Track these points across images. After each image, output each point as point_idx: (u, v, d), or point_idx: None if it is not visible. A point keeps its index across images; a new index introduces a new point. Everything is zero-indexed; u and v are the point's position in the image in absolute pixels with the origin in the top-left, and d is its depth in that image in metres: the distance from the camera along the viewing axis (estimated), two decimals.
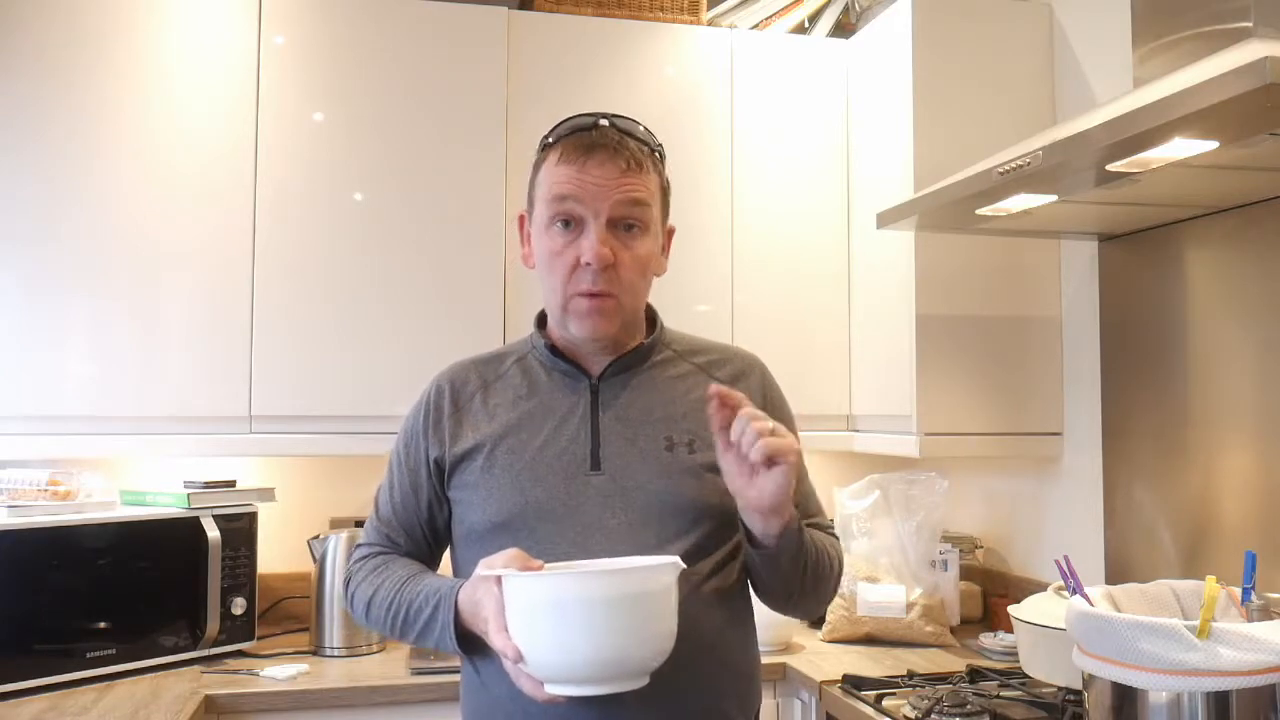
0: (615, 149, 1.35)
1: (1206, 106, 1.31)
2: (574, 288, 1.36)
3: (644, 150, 1.39)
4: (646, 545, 1.33)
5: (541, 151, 1.42)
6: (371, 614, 1.43)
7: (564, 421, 1.41)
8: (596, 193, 1.34)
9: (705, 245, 2.65)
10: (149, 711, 1.93)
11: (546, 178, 1.38)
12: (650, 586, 1.16)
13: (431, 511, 1.46)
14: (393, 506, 1.48)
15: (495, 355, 1.51)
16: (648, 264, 1.40)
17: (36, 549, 2.09)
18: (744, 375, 1.50)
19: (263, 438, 2.40)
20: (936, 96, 2.43)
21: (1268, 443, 1.87)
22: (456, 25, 2.54)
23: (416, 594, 1.36)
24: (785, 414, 1.52)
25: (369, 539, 1.50)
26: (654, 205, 1.40)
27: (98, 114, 2.34)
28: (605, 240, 1.34)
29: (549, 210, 1.37)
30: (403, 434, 1.49)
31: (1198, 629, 1.31)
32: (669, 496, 1.36)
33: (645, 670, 1.18)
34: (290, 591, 2.65)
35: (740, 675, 1.44)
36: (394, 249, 2.47)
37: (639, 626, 1.15)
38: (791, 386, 2.62)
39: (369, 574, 1.45)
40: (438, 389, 1.48)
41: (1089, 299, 2.36)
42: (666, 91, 2.66)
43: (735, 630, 1.43)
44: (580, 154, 1.35)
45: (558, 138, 1.39)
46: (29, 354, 2.28)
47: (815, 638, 2.50)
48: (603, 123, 1.38)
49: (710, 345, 1.53)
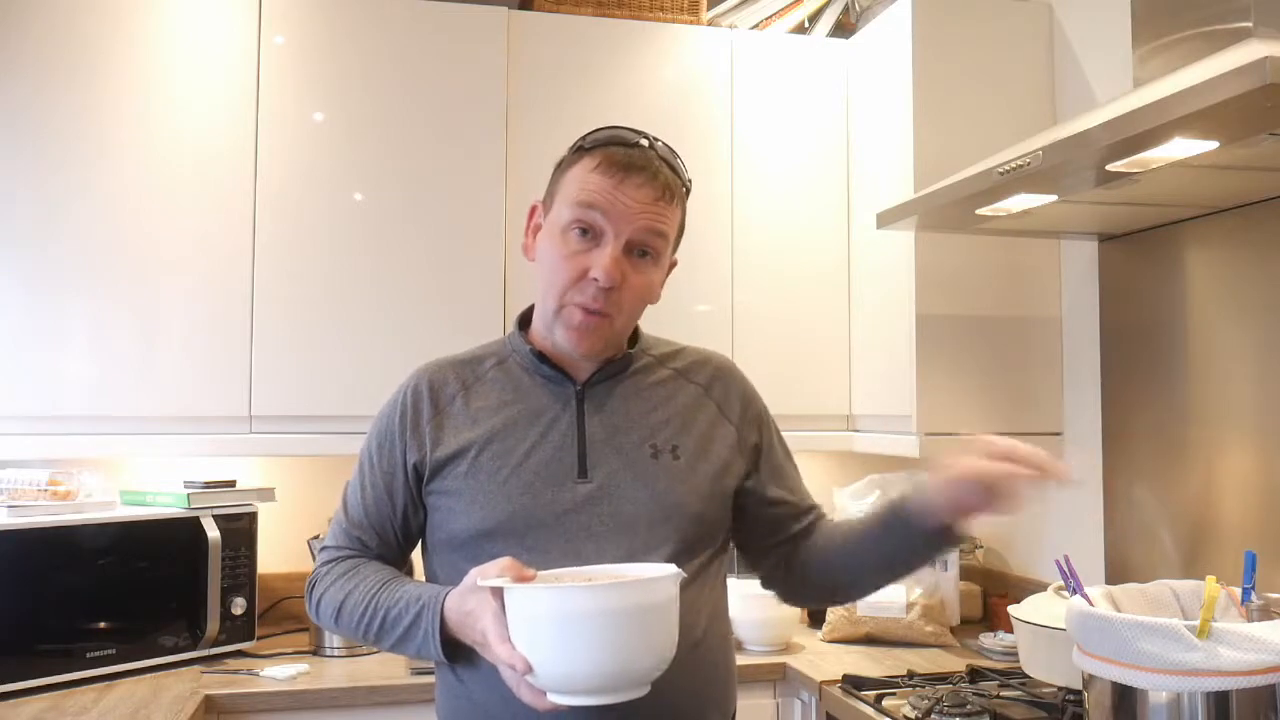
0: (654, 174, 1.35)
1: (1206, 106, 1.31)
2: (573, 297, 1.35)
3: (677, 183, 1.39)
4: (635, 552, 1.33)
5: (575, 153, 1.40)
6: (342, 619, 1.39)
7: (550, 428, 1.40)
8: (625, 212, 1.33)
9: (705, 245, 2.65)
10: (149, 711, 1.93)
11: (577, 180, 1.36)
12: (655, 598, 1.16)
13: (406, 515, 1.43)
14: (364, 508, 1.44)
15: (473, 356, 1.48)
16: (649, 292, 1.40)
17: (36, 549, 2.09)
18: (721, 377, 1.51)
19: (263, 438, 2.40)
20: (936, 96, 2.43)
21: (1268, 443, 1.87)
22: (456, 25, 2.54)
23: (396, 600, 1.33)
24: (761, 409, 1.53)
25: (337, 541, 1.46)
26: (671, 237, 1.40)
27: (98, 114, 2.34)
28: (618, 261, 1.33)
29: (571, 214, 1.35)
30: (375, 434, 1.45)
31: (1198, 629, 1.31)
32: (656, 503, 1.36)
33: (648, 679, 1.18)
34: (290, 591, 2.65)
35: (719, 678, 1.44)
36: (394, 249, 2.47)
37: (644, 637, 1.15)
38: (791, 386, 2.67)
39: (338, 578, 1.41)
40: (415, 390, 1.44)
41: (1089, 299, 2.36)
42: (666, 92, 2.66)
43: (716, 633, 1.44)
44: (619, 170, 1.34)
45: (597, 144, 1.37)
46: (29, 354, 2.28)
47: (815, 638, 2.50)
48: (643, 142, 1.37)
49: (682, 348, 1.53)
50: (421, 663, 2.20)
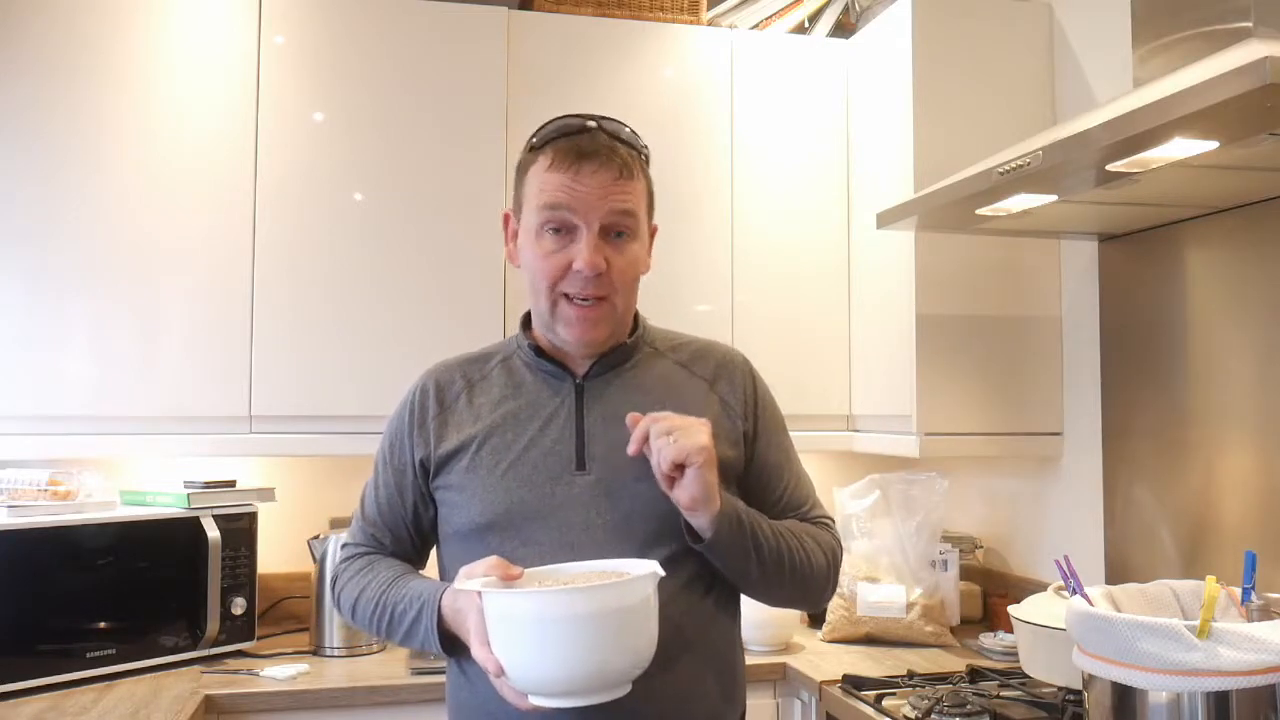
0: (607, 156, 1.35)
1: (1206, 106, 1.31)
2: (564, 288, 1.36)
3: (633, 155, 1.39)
4: (633, 545, 1.34)
5: (529, 153, 1.41)
6: (358, 615, 1.44)
7: (549, 421, 1.41)
8: (589, 202, 1.34)
9: (705, 245, 2.65)
10: (149, 711, 1.93)
11: (536, 182, 1.38)
12: (629, 600, 1.16)
13: (417, 512, 1.47)
14: (378, 507, 1.48)
15: (480, 355, 1.51)
16: (637, 266, 1.42)
17: (36, 549, 2.09)
18: (726, 367, 1.50)
19: (263, 438, 2.40)
20: (936, 96, 2.43)
21: (1268, 443, 1.87)
22: (456, 25, 2.54)
23: (401, 596, 1.37)
24: (772, 407, 1.53)
25: (355, 539, 1.51)
26: (641, 211, 1.41)
27: (98, 114, 2.34)
28: (598, 249, 1.35)
29: (539, 217, 1.37)
30: (388, 434, 1.49)
31: (1198, 629, 1.31)
32: (654, 496, 1.36)
33: (626, 680, 1.19)
34: (290, 591, 2.65)
35: (724, 672, 1.44)
36: (394, 249, 2.47)
37: (619, 640, 1.15)
38: (791, 386, 2.66)
39: (355, 574, 1.46)
40: (422, 389, 1.48)
41: (1089, 299, 2.36)
42: (666, 92, 2.66)
43: (719, 628, 1.43)
44: (572, 161, 1.35)
45: (545, 140, 1.39)
46: (29, 354, 2.28)
47: (815, 638, 2.50)
48: (590, 124, 1.38)
49: (690, 339, 1.54)
50: (422, 662, 2.20)
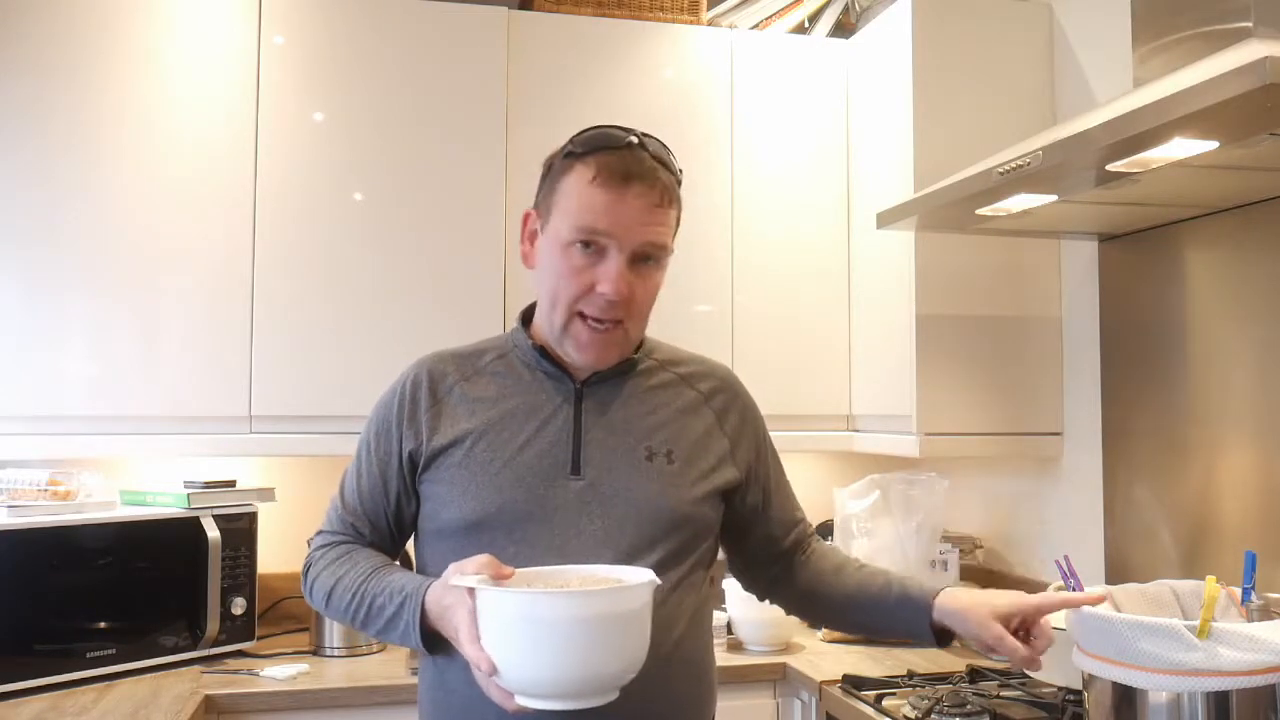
0: (651, 181, 1.33)
1: (1206, 106, 1.31)
2: (582, 306, 1.35)
3: (672, 181, 1.38)
4: (621, 552, 1.34)
5: (566, 159, 1.37)
6: (332, 604, 1.41)
7: (546, 423, 1.40)
8: (628, 226, 1.33)
9: (705, 245, 2.65)
10: (149, 711, 1.93)
11: (576, 194, 1.34)
12: (627, 606, 1.15)
13: (399, 504, 1.44)
14: (359, 496, 1.46)
15: (473, 349, 1.49)
16: (657, 293, 1.41)
17: (36, 549, 2.09)
18: (724, 391, 1.51)
19: (262, 438, 2.40)
20: (936, 96, 2.43)
21: (1268, 443, 1.87)
22: (456, 25, 2.54)
23: (381, 589, 1.34)
24: (761, 428, 1.55)
25: (332, 527, 1.48)
26: (671, 240, 1.39)
27: (98, 114, 2.34)
28: (624, 274, 1.33)
29: (574, 232, 1.33)
30: (373, 421, 1.46)
31: (1198, 629, 1.31)
32: (646, 505, 1.36)
33: (617, 686, 1.18)
34: (290, 591, 2.64)
35: (701, 680, 1.44)
36: (394, 249, 2.47)
37: (614, 645, 1.14)
38: (791, 387, 2.67)
39: (331, 563, 1.43)
40: (414, 379, 1.45)
41: (1089, 299, 2.36)
42: (666, 92, 2.66)
43: (697, 638, 1.44)
44: (618, 182, 1.32)
45: (589, 149, 1.35)
46: (29, 354, 2.28)
47: (815, 638, 2.50)
48: (633, 140, 1.36)
49: (690, 356, 1.54)
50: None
